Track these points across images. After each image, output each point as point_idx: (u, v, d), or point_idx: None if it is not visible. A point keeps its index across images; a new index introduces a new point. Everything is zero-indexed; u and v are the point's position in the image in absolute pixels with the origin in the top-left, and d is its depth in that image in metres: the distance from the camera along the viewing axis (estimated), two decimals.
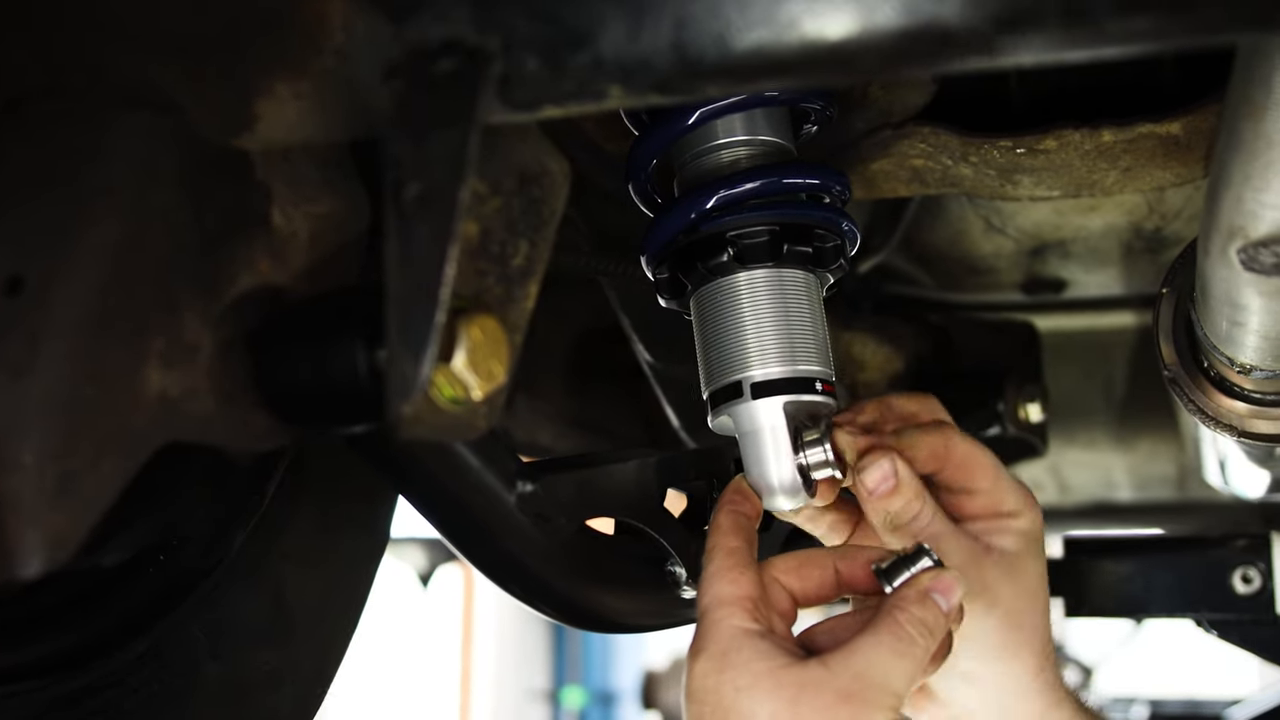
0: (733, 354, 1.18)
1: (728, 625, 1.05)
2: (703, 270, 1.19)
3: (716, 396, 1.20)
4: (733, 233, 1.17)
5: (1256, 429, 1.33)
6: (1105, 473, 2.66)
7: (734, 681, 1.02)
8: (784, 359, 1.17)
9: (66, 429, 0.81)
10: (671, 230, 1.21)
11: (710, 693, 1.03)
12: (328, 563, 1.45)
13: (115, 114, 0.87)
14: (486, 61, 0.81)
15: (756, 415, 1.17)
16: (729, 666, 1.03)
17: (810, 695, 1.00)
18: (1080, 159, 1.35)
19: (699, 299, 1.21)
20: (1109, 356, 2.51)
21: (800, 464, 1.17)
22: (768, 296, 1.17)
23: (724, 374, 1.19)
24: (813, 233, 1.19)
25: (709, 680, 1.03)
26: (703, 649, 1.05)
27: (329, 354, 0.92)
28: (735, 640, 1.04)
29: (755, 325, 1.17)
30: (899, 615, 1.03)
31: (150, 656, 1.23)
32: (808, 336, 1.18)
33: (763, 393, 1.17)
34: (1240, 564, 2.19)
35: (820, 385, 1.18)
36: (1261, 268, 0.98)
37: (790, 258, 1.18)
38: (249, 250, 0.94)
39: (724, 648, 1.04)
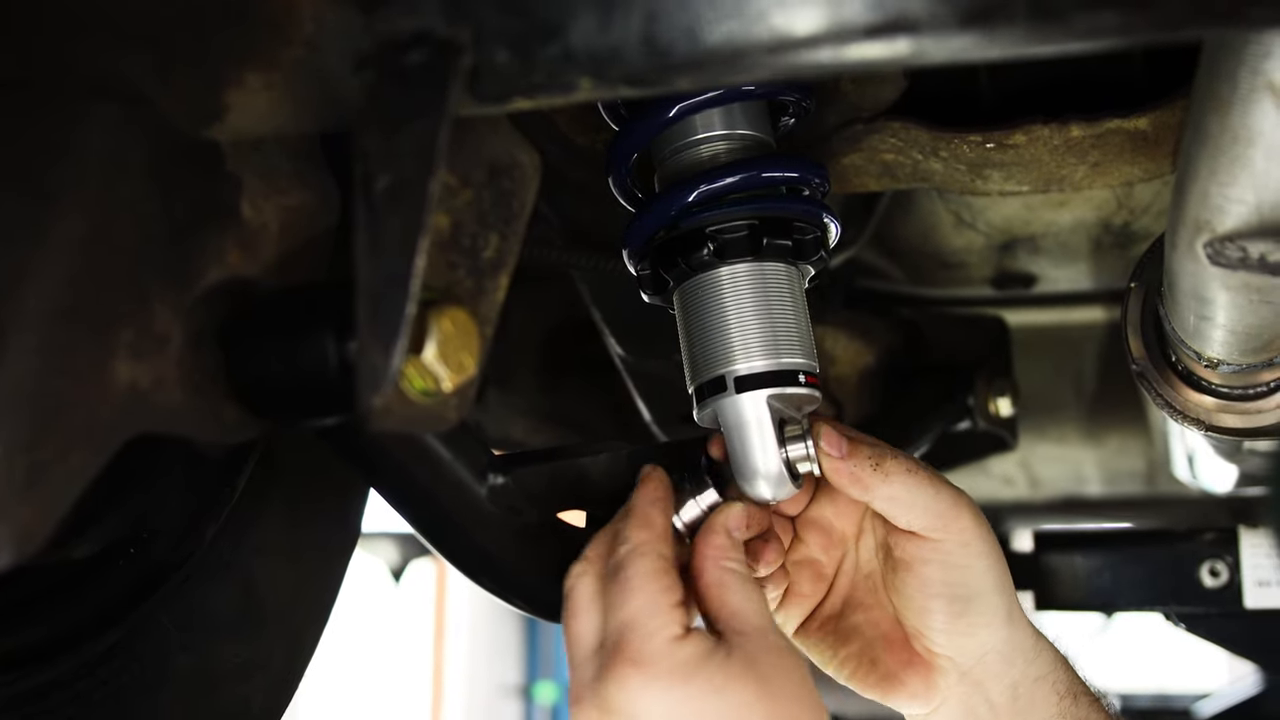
0: (716, 348, 1.18)
1: (669, 635, 1.04)
2: (684, 266, 1.19)
3: (701, 391, 1.20)
4: (712, 228, 1.17)
5: (1223, 423, 1.33)
6: (1075, 467, 2.67)
7: (710, 682, 1.01)
8: (767, 352, 1.17)
9: (35, 421, 0.81)
10: (652, 226, 1.22)
11: (684, 702, 1.01)
12: (299, 556, 1.45)
13: (84, 106, 0.86)
14: (457, 53, 0.81)
15: (741, 409, 1.18)
16: (695, 673, 1.02)
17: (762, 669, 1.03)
18: (1049, 154, 1.36)
19: (682, 294, 1.22)
20: (1079, 351, 2.53)
21: (784, 457, 1.18)
22: (750, 290, 1.18)
23: (708, 369, 1.19)
24: (792, 226, 1.19)
25: (672, 693, 1.01)
26: (648, 661, 1.02)
27: (299, 346, 0.92)
28: (684, 647, 1.03)
29: (738, 319, 1.18)
30: (708, 565, 1.10)
31: (121, 649, 1.23)
32: (790, 329, 1.19)
33: (747, 386, 1.17)
34: (1208, 558, 2.21)
35: (804, 377, 1.19)
36: (1228, 262, 0.98)
37: (770, 251, 1.18)
38: (219, 242, 0.94)
39: (680, 659, 1.02)
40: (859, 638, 1.26)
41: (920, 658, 1.23)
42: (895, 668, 1.23)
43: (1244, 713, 3.16)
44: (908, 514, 1.19)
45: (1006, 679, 1.21)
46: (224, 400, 0.95)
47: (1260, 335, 1.13)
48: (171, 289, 0.90)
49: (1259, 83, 0.85)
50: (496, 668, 9.34)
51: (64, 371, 0.81)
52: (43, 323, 0.80)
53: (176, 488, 1.26)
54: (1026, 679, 1.21)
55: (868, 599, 1.27)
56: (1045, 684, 1.21)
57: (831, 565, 1.28)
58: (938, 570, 1.19)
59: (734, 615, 1.07)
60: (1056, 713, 1.21)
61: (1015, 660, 1.21)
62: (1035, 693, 1.21)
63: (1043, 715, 1.21)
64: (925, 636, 1.22)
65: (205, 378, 0.93)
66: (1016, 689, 1.21)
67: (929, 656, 1.23)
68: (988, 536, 1.20)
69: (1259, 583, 2.16)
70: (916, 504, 1.18)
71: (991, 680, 1.21)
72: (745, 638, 1.04)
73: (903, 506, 1.19)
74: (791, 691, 1.03)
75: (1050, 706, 1.21)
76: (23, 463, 0.79)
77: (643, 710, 1.01)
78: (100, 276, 0.84)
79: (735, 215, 1.18)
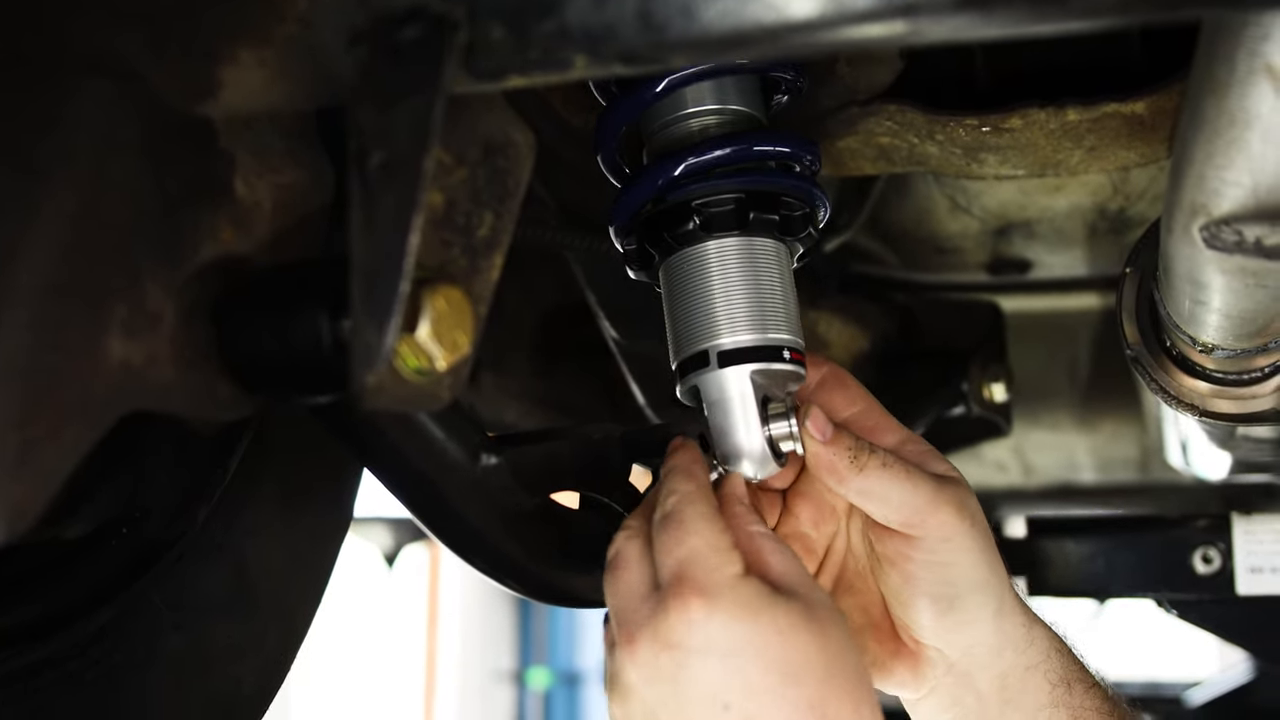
0: (700, 323, 1.17)
1: (734, 572, 1.01)
2: (669, 240, 1.18)
3: (684, 367, 1.18)
4: (698, 201, 1.16)
5: (1218, 408, 1.34)
6: (1069, 454, 2.67)
7: (775, 623, 0.99)
8: (752, 327, 1.15)
9: (27, 397, 0.80)
10: (638, 200, 1.20)
11: (748, 642, 0.98)
12: (291, 536, 1.44)
13: (76, 81, 0.86)
14: (452, 29, 0.81)
15: (723, 384, 1.16)
16: (763, 611, 0.99)
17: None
18: (1045, 138, 1.36)
19: (667, 269, 1.20)
20: (1073, 338, 2.53)
21: (767, 434, 1.16)
22: (737, 265, 1.16)
23: (691, 343, 1.17)
24: (780, 201, 1.18)
25: (740, 627, 0.98)
26: (716, 593, 0.99)
27: (292, 324, 0.92)
28: (748, 584, 1.01)
29: (723, 293, 1.16)
30: (736, 534, 1.07)
31: (112, 628, 1.22)
32: (777, 305, 1.17)
33: (730, 361, 1.15)
34: (1201, 544, 2.21)
35: (789, 354, 1.17)
36: (1224, 246, 0.98)
37: (757, 226, 1.16)
38: (212, 219, 0.94)
39: (745, 595, 1.00)
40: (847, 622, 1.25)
41: (907, 648, 1.22)
42: (883, 656, 1.22)
43: (1235, 701, 3.17)
44: (883, 509, 1.17)
45: (995, 669, 1.20)
46: (217, 377, 0.95)
47: (1255, 320, 1.13)
48: (164, 266, 0.89)
49: (1256, 65, 0.84)
50: (490, 653, 9.35)
51: (56, 348, 0.81)
52: (34, 298, 0.80)
53: (169, 467, 1.26)
54: (1016, 669, 1.20)
55: (857, 583, 1.25)
56: (1037, 673, 1.20)
57: (822, 541, 1.26)
58: (920, 567, 1.18)
59: (782, 575, 1.04)
60: (1048, 701, 1.20)
61: (1005, 651, 1.20)
62: (1026, 682, 1.20)
63: (1033, 704, 1.20)
64: (911, 629, 1.21)
65: (198, 355, 0.93)
66: (1005, 679, 1.20)
67: (916, 648, 1.22)
68: (972, 530, 1.17)
69: (1251, 569, 2.16)
70: (891, 499, 1.16)
71: (979, 671, 1.20)
72: (798, 590, 1.02)
73: (877, 501, 1.17)
74: (845, 643, 1.02)
75: (1042, 695, 1.20)
76: (14, 440, 0.79)
77: (705, 642, 0.98)
78: (92, 253, 0.84)
79: (722, 189, 1.16)
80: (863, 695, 1.00)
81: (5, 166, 0.83)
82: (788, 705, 0.97)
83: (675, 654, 0.99)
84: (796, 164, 1.22)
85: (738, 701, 0.97)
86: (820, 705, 0.97)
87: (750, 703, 0.97)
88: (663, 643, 0.99)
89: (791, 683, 0.98)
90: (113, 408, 0.86)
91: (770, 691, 0.97)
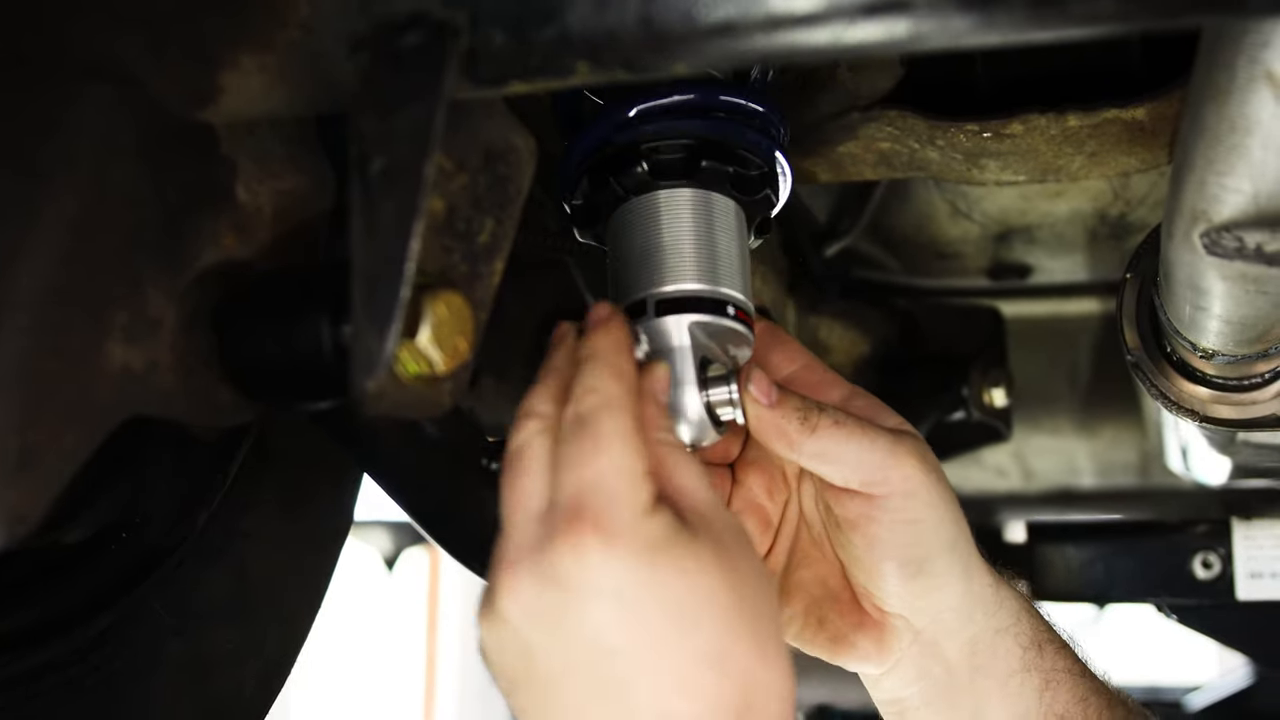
0: (642, 272, 1.08)
1: (641, 505, 0.89)
2: (617, 186, 1.10)
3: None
4: (648, 144, 1.09)
5: (1218, 414, 1.34)
6: (1069, 459, 2.67)
7: (677, 564, 0.88)
8: (698, 277, 1.07)
9: (28, 402, 0.80)
10: (587, 145, 1.13)
11: (645, 584, 0.87)
12: (291, 541, 1.44)
13: (78, 86, 0.86)
14: (453, 36, 0.81)
15: (660, 334, 1.07)
16: (663, 551, 0.88)
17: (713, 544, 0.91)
18: (1046, 144, 1.36)
19: (613, 223, 1.12)
20: (1073, 343, 2.53)
21: (705, 399, 1.07)
22: (688, 215, 1.09)
23: (630, 293, 1.09)
24: (734, 153, 1.10)
25: (637, 568, 0.87)
26: (615, 532, 0.87)
27: (293, 329, 0.92)
28: (654, 519, 0.89)
29: (670, 242, 1.08)
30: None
31: (113, 634, 1.23)
32: (727, 261, 1.09)
33: (669, 310, 1.07)
34: (1201, 549, 2.21)
35: (734, 310, 1.08)
36: (1224, 252, 0.98)
37: (710, 176, 1.09)
38: (213, 225, 0.94)
39: (648, 533, 0.88)
40: (804, 595, 1.17)
41: (871, 619, 1.15)
42: (845, 629, 1.15)
43: (1235, 705, 3.17)
44: (840, 470, 1.09)
45: (964, 635, 1.13)
46: (217, 383, 0.95)
47: (1256, 326, 1.13)
48: (165, 272, 0.89)
49: (1257, 72, 0.84)
50: None
51: (57, 353, 0.81)
52: (35, 303, 0.80)
53: (169, 472, 1.26)
54: (986, 632, 1.14)
55: (813, 552, 1.19)
56: (1007, 636, 1.14)
57: (777, 511, 1.19)
58: (885, 529, 1.10)
59: (685, 494, 0.94)
60: (1019, 665, 1.14)
61: (974, 615, 1.13)
62: (996, 646, 1.14)
63: (1004, 668, 1.14)
64: (876, 597, 1.13)
65: (199, 361, 0.93)
66: (975, 644, 1.13)
67: (880, 617, 1.14)
68: (936, 485, 1.10)
69: (1251, 574, 2.16)
70: (847, 458, 1.08)
71: (947, 638, 1.14)
72: (707, 520, 0.92)
73: (833, 462, 1.09)
74: (755, 579, 0.92)
75: (1013, 659, 1.14)
76: (14, 445, 0.79)
77: (596, 584, 0.87)
78: (93, 258, 0.84)
79: (674, 132, 1.09)
80: (769, 638, 0.90)
81: (7, 171, 0.83)
82: (683, 656, 0.87)
83: (561, 594, 0.88)
84: (759, 122, 1.14)
85: (628, 649, 0.87)
86: (720, 656, 0.88)
87: (642, 652, 0.87)
88: (548, 579, 0.88)
89: (690, 630, 0.87)
90: (113, 413, 0.86)
91: (665, 640, 0.87)
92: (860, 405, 1.15)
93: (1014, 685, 1.14)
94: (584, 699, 0.89)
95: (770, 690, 0.89)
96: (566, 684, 0.89)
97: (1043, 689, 1.14)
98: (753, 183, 1.12)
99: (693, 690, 0.87)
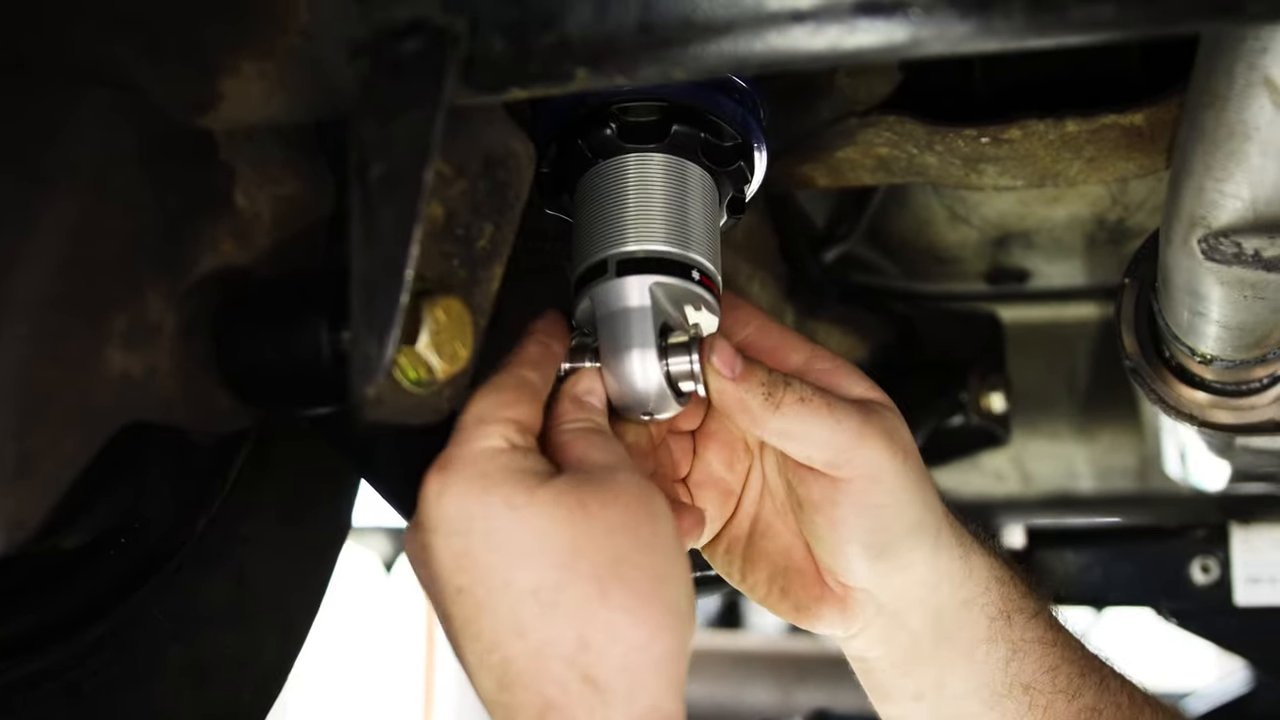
0: (605, 233, 1.04)
1: (485, 445, 0.94)
2: (585, 149, 1.07)
3: (579, 282, 1.06)
4: (618, 105, 1.05)
5: (1216, 419, 1.34)
6: (1067, 464, 2.67)
7: (508, 499, 0.90)
8: (663, 239, 1.03)
9: (26, 409, 0.80)
10: (555, 111, 1.09)
11: (473, 519, 0.91)
12: (290, 546, 1.44)
13: (77, 92, 0.86)
14: (453, 42, 0.81)
15: (619, 294, 1.03)
16: (494, 486, 0.91)
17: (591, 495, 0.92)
18: (1044, 149, 1.36)
19: (580, 187, 1.09)
20: (1072, 348, 2.52)
21: (665, 369, 1.03)
22: (658, 178, 1.05)
23: (590, 255, 1.05)
24: (707, 120, 1.07)
25: (467, 503, 0.91)
26: (452, 468, 0.92)
27: (292, 335, 0.92)
28: (496, 458, 0.93)
29: (637, 203, 1.04)
30: (553, 433, 1.01)
31: (111, 639, 1.22)
32: (697, 228, 1.05)
33: (630, 270, 1.02)
34: (1199, 554, 2.22)
35: (699, 276, 1.04)
36: (1222, 257, 0.98)
37: (679, 141, 1.06)
38: (212, 231, 0.94)
39: (484, 468, 0.92)
40: (767, 564, 1.15)
41: (834, 593, 1.12)
42: (807, 601, 1.12)
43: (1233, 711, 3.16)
44: (804, 449, 1.06)
45: (930, 606, 1.11)
46: (216, 389, 0.95)
47: (1254, 331, 1.13)
48: (164, 277, 0.89)
49: (1255, 78, 0.85)
50: None
51: (55, 359, 0.81)
52: (34, 310, 0.80)
53: (168, 478, 1.26)
54: (952, 603, 1.11)
55: (776, 524, 1.16)
56: (974, 607, 1.11)
57: (738, 481, 1.16)
58: (848, 513, 1.07)
59: (577, 460, 0.96)
60: (986, 635, 1.11)
61: (940, 587, 1.11)
62: (962, 617, 1.11)
63: (969, 639, 1.12)
64: (839, 575, 1.11)
65: (197, 367, 0.93)
66: (940, 615, 1.11)
67: (843, 591, 1.12)
68: (905, 465, 1.07)
69: (1250, 579, 2.17)
70: (812, 437, 1.05)
71: (911, 610, 1.11)
72: (581, 472, 0.94)
73: (797, 441, 1.05)
74: (619, 523, 0.91)
75: (979, 629, 1.12)
76: (13, 451, 0.79)
77: (436, 520, 0.92)
78: (92, 264, 0.84)
79: (645, 95, 1.05)
80: (616, 581, 0.90)
81: (6, 176, 0.83)
82: (512, 591, 0.89)
83: (418, 533, 0.94)
84: (737, 95, 1.11)
85: (468, 585, 0.91)
86: (550, 591, 0.89)
87: (478, 586, 0.90)
88: (415, 520, 0.94)
89: (520, 565, 0.90)
90: (112, 419, 0.86)
91: (494, 574, 0.90)
92: (824, 369, 1.12)
93: (979, 655, 1.12)
94: (454, 634, 0.94)
95: (614, 633, 0.89)
96: (449, 628, 0.95)
97: (1009, 659, 1.12)
98: (725, 153, 1.10)
99: (522, 627, 0.89)
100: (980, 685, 1.13)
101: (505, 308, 1.00)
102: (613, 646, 0.89)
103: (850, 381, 1.12)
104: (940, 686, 1.14)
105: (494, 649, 0.91)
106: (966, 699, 1.13)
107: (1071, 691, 1.13)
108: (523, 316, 1.96)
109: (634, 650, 0.89)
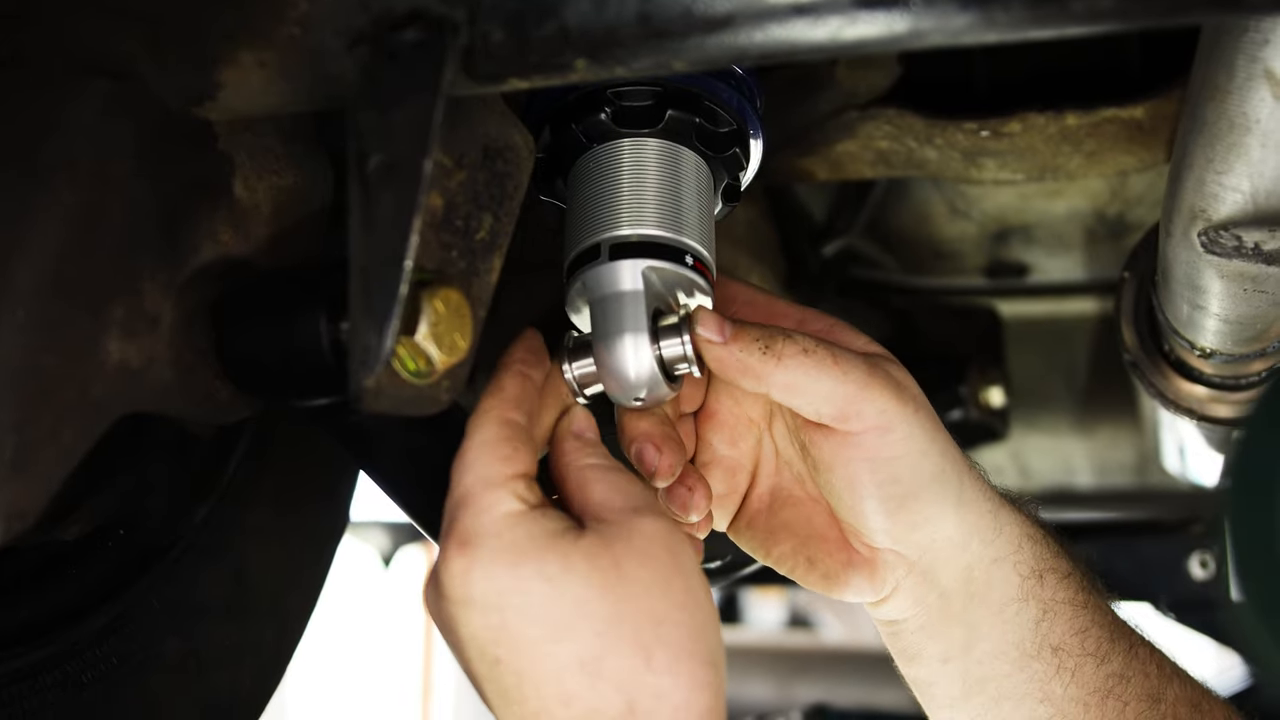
0: (598, 217, 1.03)
1: (502, 512, 0.91)
2: (579, 134, 1.06)
3: (571, 266, 1.05)
4: (612, 90, 1.04)
5: (1215, 413, 1.34)
6: (1066, 459, 2.67)
7: (541, 571, 0.89)
8: (657, 223, 1.02)
9: (25, 399, 0.80)
10: (550, 94, 1.07)
11: (506, 593, 0.89)
12: (288, 539, 1.44)
13: (77, 83, 0.86)
14: (452, 32, 0.81)
15: (612, 278, 1.02)
16: (524, 559, 0.89)
17: (621, 552, 0.91)
18: (1044, 142, 1.36)
19: (574, 172, 1.07)
20: (1071, 342, 2.52)
21: (657, 354, 1.02)
22: (652, 163, 1.04)
23: (583, 239, 1.04)
24: (702, 105, 1.06)
25: (497, 578, 0.89)
26: (474, 542, 0.90)
27: (291, 326, 0.92)
28: (518, 525, 0.91)
29: (631, 187, 1.03)
30: (563, 470, 1.00)
31: (110, 630, 1.22)
32: (690, 213, 1.04)
33: (623, 254, 1.01)
34: (1197, 549, 2.21)
35: (693, 261, 1.03)
36: (1222, 250, 0.98)
37: (674, 126, 1.05)
38: (210, 221, 0.94)
39: (509, 540, 0.90)
40: (791, 536, 1.13)
41: (861, 555, 1.10)
42: (835, 568, 1.10)
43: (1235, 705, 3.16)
44: (811, 403, 1.04)
45: (959, 563, 1.09)
46: (215, 380, 0.95)
47: (1254, 325, 1.13)
48: (163, 268, 0.89)
49: (1256, 70, 0.85)
50: None
51: (54, 349, 0.81)
52: (32, 299, 0.80)
53: (167, 469, 1.26)
54: (983, 561, 1.09)
55: (796, 491, 1.14)
56: (1005, 564, 1.09)
57: (745, 458, 1.15)
58: (862, 467, 1.05)
59: (598, 506, 0.95)
60: (1018, 594, 1.09)
61: (970, 544, 1.08)
62: (993, 574, 1.09)
63: (1000, 598, 1.09)
64: (863, 535, 1.09)
65: (196, 357, 0.93)
66: (971, 572, 1.09)
67: (870, 553, 1.10)
68: (916, 414, 1.05)
69: None
70: (818, 390, 1.03)
71: (942, 566, 1.09)
72: (606, 524, 0.93)
73: (803, 395, 1.03)
74: (653, 581, 0.91)
75: (1011, 588, 1.09)
76: (12, 441, 0.79)
77: (466, 595, 0.90)
78: (91, 254, 0.84)
79: (638, 80, 1.04)
80: (658, 644, 0.89)
81: (5, 167, 0.83)
82: (556, 663, 0.88)
83: (445, 605, 0.92)
84: (734, 81, 1.09)
85: (506, 657, 0.90)
86: (595, 661, 0.88)
87: (518, 658, 0.89)
88: (439, 590, 0.92)
89: (562, 636, 0.89)
90: (110, 410, 0.86)
91: (535, 646, 0.89)
92: (819, 327, 1.10)
93: (1009, 614, 1.10)
94: (491, 700, 0.93)
95: (659, 695, 0.89)
96: (482, 690, 0.94)
97: (1039, 619, 1.10)
98: (721, 139, 1.09)
99: (568, 696, 0.89)
100: (1010, 645, 1.11)
101: (504, 299, 1.00)
102: (660, 708, 0.89)
103: (850, 337, 1.11)
104: (969, 648, 1.12)
105: (538, 716, 0.90)
106: (995, 660, 1.11)
107: (1100, 655, 1.11)
108: (522, 310, 1.97)
109: (679, 709, 0.90)
